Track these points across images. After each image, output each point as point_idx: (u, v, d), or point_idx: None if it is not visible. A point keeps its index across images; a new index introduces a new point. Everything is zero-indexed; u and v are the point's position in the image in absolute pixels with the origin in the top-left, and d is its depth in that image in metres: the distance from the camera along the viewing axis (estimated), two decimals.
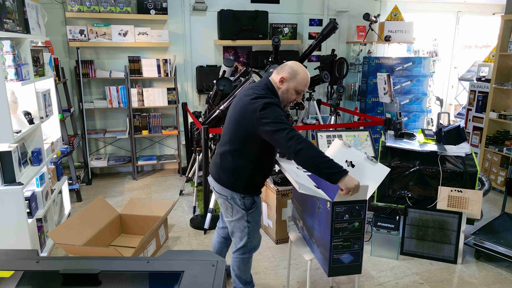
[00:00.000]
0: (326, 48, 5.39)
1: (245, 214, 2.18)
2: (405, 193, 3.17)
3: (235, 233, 2.26)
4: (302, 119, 4.69)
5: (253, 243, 2.27)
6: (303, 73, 2.08)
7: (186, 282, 1.16)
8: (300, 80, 2.08)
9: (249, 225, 2.20)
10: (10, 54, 2.50)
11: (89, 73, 4.55)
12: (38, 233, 2.89)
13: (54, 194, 3.28)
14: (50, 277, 1.25)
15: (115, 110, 4.89)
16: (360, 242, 1.97)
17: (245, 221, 2.19)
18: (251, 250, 2.30)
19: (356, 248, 1.97)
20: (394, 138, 3.41)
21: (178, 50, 4.96)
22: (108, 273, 1.24)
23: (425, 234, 3.04)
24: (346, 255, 1.97)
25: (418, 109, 5.41)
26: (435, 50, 6.17)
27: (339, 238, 1.92)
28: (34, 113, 2.91)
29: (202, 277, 1.19)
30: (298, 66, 2.10)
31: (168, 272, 1.24)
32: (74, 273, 1.21)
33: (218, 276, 1.19)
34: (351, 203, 1.88)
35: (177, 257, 1.31)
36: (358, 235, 1.95)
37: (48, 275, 1.26)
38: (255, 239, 2.28)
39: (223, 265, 1.25)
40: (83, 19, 4.50)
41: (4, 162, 2.52)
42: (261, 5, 5.09)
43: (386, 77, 3.86)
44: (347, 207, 1.89)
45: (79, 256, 2.22)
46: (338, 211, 1.88)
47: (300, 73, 2.08)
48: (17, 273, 1.25)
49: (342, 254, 1.96)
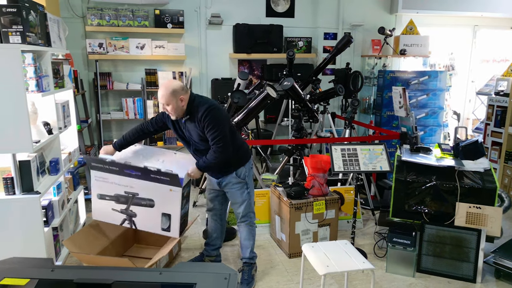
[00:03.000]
0: (340, 61, 5.39)
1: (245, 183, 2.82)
2: (422, 209, 3.11)
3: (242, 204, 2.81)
4: (316, 132, 4.67)
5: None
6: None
7: None
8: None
9: (249, 189, 2.84)
10: (31, 66, 2.58)
11: (107, 85, 4.64)
12: (54, 241, 2.92)
13: (70, 204, 3.32)
14: (64, 286, 1.26)
15: (132, 122, 4.96)
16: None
17: (246, 188, 2.82)
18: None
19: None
20: (410, 153, 3.36)
21: (194, 63, 5.03)
22: (121, 283, 1.24)
23: (443, 251, 2.96)
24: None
25: (434, 123, 5.34)
26: (451, 64, 6.10)
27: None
28: (53, 124, 2.98)
29: None
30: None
31: (181, 284, 1.23)
32: (88, 283, 1.22)
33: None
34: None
35: (189, 269, 1.31)
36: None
37: (62, 284, 1.26)
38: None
39: (235, 278, 1.24)
40: (102, 33, 4.62)
41: (23, 171, 2.57)
42: (276, 19, 5.15)
43: (401, 91, 3.83)
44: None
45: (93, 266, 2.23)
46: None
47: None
48: (33, 281, 1.26)
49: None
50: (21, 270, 1.31)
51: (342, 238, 3.40)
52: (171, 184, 2.61)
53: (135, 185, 2.67)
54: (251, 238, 2.91)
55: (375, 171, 3.08)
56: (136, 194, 2.70)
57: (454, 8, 5.53)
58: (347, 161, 3.08)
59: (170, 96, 2.46)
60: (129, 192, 2.70)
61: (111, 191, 2.73)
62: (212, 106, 2.51)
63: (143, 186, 2.66)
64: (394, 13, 5.50)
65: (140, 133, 2.79)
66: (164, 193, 2.65)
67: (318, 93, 4.28)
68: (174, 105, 2.49)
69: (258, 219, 3.67)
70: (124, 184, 2.68)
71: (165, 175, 2.58)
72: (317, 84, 4.48)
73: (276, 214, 3.46)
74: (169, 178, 2.59)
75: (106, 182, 2.71)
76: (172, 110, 2.52)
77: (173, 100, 2.47)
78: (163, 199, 2.67)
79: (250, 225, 2.89)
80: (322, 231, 3.33)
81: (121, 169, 2.64)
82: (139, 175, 2.63)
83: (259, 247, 3.43)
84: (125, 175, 2.66)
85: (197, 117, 2.51)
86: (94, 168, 2.70)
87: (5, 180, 2.53)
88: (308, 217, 3.24)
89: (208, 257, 3.06)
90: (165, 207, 2.69)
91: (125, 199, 2.72)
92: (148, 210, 2.71)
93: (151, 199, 2.70)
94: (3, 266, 1.35)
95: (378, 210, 4.05)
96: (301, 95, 3.81)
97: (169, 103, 2.48)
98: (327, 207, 3.29)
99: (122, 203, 2.74)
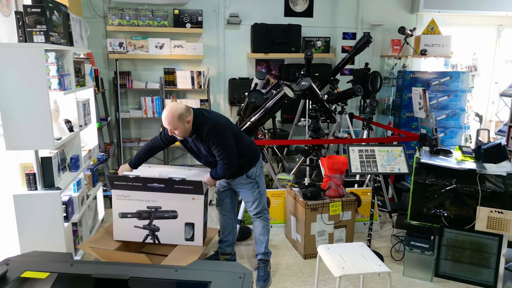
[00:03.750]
0: (359, 61, 5.33)
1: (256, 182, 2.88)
2: (441, 212, 3.05)
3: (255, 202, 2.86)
4: (333, 133, 4.63)
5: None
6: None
7: None
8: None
9: (260, 188, 2.89)
10: (54, 65, 2.64)
11: (126, 83, 4.72)
12: (73, 237, 2.99)
13: (89, 200, 3.39)
14: (82, 280, 1.29)
15: (150, 120, 5.03)
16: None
17: (257, 187, 2.87)
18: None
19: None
20: (430, 155, 3.29)
21: (212, 62, 5.06)
22: (137, 279, 1.26)
23: (462, 256, 2.90)
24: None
25: (455, 125, 5.22)
26: (474, 65, 5.96)
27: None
28: (74, 121, 3.04)
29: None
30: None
31: (195, 282, 1.24)
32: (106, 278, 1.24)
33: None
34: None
35: (204, 267, 1.31)
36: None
37: (80, 278, 1.29)
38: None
39: (250, 277, 1.24)
40: (122, 33, 4.70)
41: (45, 167, 2.64)
42: (294, 18, 5.13)
43: (421, 92, 3.76)
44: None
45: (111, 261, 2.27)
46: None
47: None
48: (52, 275, 1.29)
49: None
50: (41, 264, 1.35)
51: (358, 240, 3.36)
52: (193, 192, 2.71)
53: (158, 198, 2.75)
54: (265, 233, 2.94)
55: (393, 173, 3.03)
56: (159, 208, 2.77)
57: (478, 7, 5.39)
58: (364, 162, 3.05)
59: (177, 122, 2.49)
60: (152, 207, 2.77)
61: (134, 208, 2.79)
62: (214, 125, 2.55)
63: (166, 199, 2.74)
64: (415, 12, 5.40)
65: (152, 149, 2.85)
66: (186, 202, 2.74)
67: (336, 94, 4.24)
68: (182, 128, 2.52)
69: (273, 219, 3.67)
70: (146, 199, 2.76)
71: (188, 184, 2.66)
72: (335, 84, 4.45)
73: (291, 214, 3.45)
74: (192, 186, 2.68)
75: (129, 199, 2.77)
76: (180, 134, 2.56)
77: (180, 124, 2.50)
78: (186, 209, 2.75)
79: (264, 220, 2.92)
80: (338, 233, 3.30)
81: (144, 184, 2.71)
82: (163, 188, 2.71)
83: (274, 247, 3.43)
84: (148, 190, 2.73)
85: (202, 137, 2.57)
86: (116, 187, 2.75)
87: (28, 176, 2.61)
88: (324, 218, 3.22)
89: (223, 255, 3.08)
90: (188, 217, 2.77)
91: (148, 214, 2.79)
92: (171, 222, 2.79)
93: (174, 210, 2.77)
94: (24, 259, 1.39)
95: (395, 213, 3.99)
96: (318, 95, 3.78)
97: (177, 127, 2.52)
98: (344, 209, 3.26)
99: (145, 218, 2.80)
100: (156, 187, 2.71)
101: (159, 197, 2.74)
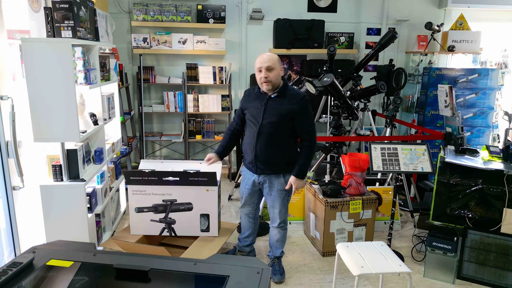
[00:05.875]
0: (383, 57, 5.23)
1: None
2: (465, 213, 2.97)
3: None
4: (355, 130, 4.57)
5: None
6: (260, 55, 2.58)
7: (231, 287, 1.17)
8: (256, 60, 2.57)
9: (289, 196, 2.81)
10: (81, 59, 2.71)
11: (149, 78, 4.79)
12: (96, 227, 3.07)
13: (112, 192, 3.47)
14: (104, 270, 1.32)
15: (172, 115, 5.09)
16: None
17: (289, 196, 2.80)
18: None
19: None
20: (455, 154, 3.21)
21: (234, 58, 5.07)
22: (157, 271, 1.28)
23: (486, 258, 2.81)
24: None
25: (483, 124, 5.05)
26: (504, 62, 5.74)
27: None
28: (98, 115, 3.11)
29: (247, 283, 1.19)
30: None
31: (214, 276, 1.26)
32: (126, 269, 1.27)
33: (263, 284, 1.18)
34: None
35: (223, 261, 1.33)
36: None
37: (103, 268, 1.33)
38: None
39: (268, 273, 1.24)
40: (146, 28, 4.76)
41: (70, 159, 2.72)
42: (318, 14, 5.07)
43: (448, 89, 3.65)
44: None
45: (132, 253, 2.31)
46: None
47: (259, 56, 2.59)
48: (76, 263, 1.33)
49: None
50: (66, 253, 1.39)
51: (378, 239, 3.32)
52: (208, 184, 2.74)
53: (173, 192, 2.79)
54: (284, 241, 2.93)
55: (416, 172, 2.97)
56: (174, 201, 2.82)
57: (510, 2, 5.19)
58: (386, 160, 3.00)
59: (277, 62, 2.54)
60: (167, 200, 2.81)
61: (149, 203, 2.83)
62: (306, 96, 2.63)
63: (181, 191, 2.78)
64: (443, 7, 5.24)
65: (233, 136, 2.86)
66: (201, 194, 2.78)
67: (359, 90, 4.18)
68: (277, 71, 2.53)
69: (292, 215, 3.66)
70: (162, 192, 2.80)
71: (203, 175, 2.70)
72: (358, 80, 4.37)
73: (310, 211, 3.43)
74: (207, 178, 2.71)
75: (144, 194, 2.81)
76: (273, 77, 2.52)
77: (277, 66, 2.53)
78: (201, 200, 2.80)
79: (284, 229, 2.89)
80: (358, 231, 3.27)
81: (159, 177, 2.75)
82: (178, 181, 2.75)
83: (292, 243, 3.42)
84: (163, 184, 2.77)
85: (290, 99, 2.56)
86: (132, 182, 2.79)
87: (54, 167, 2.69)
88: (344, 216, 3.19)
89: (241, 252, 3.09)
90: (203, 208, 2.81)
91: (164, 207, 2.83)
92: (186, 214, 2.83)
93: (189, 202, 2.81)
94: (50, 247, 1.44)
95: (417, 213, 3.91)
96: (341, 91, 3.73)
97: (274, 67, 2.51)
98: (364, 207, 3.22)
99: (161, 212, 2.84)
100: (171, 180, 2.75)
101: (174, 190, 2.78)
